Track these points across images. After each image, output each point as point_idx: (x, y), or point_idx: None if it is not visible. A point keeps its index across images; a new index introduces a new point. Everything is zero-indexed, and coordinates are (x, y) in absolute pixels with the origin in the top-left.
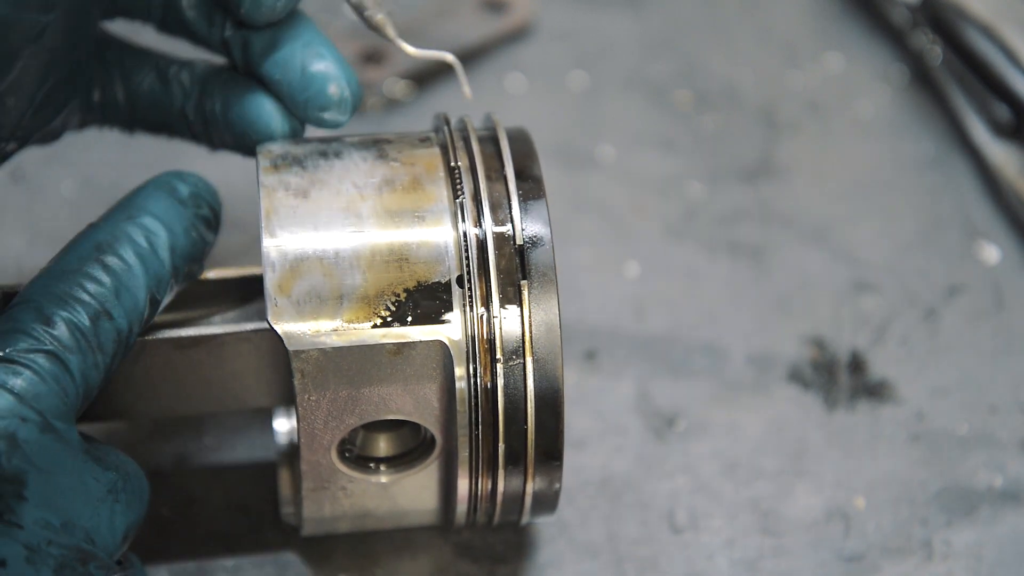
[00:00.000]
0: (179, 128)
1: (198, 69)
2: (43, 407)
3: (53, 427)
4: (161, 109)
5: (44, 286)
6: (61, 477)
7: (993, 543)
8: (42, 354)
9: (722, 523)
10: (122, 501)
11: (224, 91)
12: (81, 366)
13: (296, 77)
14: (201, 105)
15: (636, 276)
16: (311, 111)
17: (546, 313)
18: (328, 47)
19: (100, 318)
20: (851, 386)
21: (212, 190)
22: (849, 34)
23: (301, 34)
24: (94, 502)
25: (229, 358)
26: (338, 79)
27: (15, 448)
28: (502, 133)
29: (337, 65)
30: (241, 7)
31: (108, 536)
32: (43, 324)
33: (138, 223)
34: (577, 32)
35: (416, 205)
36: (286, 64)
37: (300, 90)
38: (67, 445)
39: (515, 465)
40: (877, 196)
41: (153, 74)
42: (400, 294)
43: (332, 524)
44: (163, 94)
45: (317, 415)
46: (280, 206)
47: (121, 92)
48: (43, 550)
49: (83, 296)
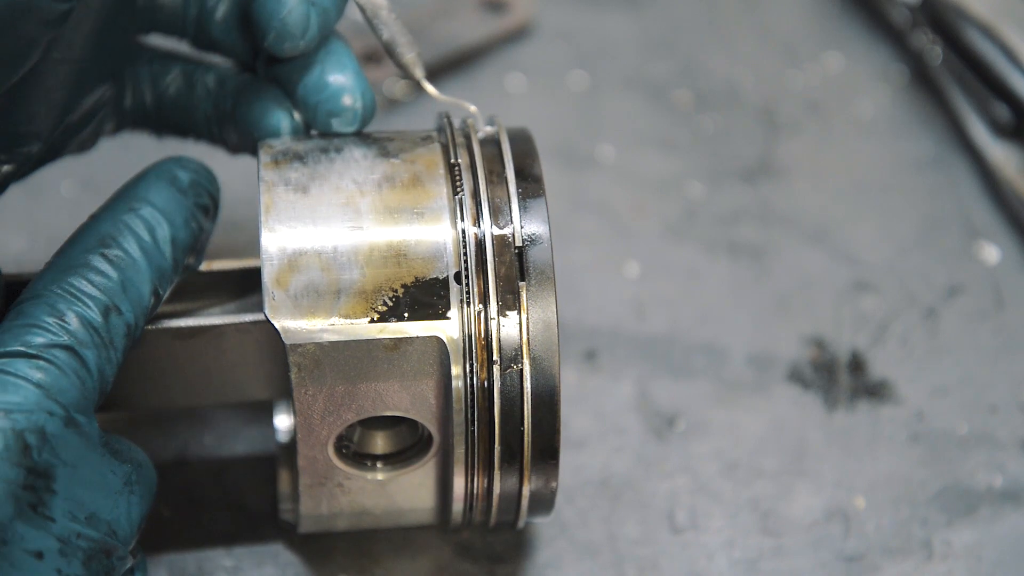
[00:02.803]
0: (201, 130)
1: (220, 71)
2: (66, 401)
3: (76, 421)
4: (186, 111)
5: (52, 280)
6: (85, 470)
7: (993, 543)
8: (60, 348)
9: (722, 523)
10: (136, 492)
11: (238, 91)
12: (97, 360)
13: (313, 82)
14: (218, 105)
15: (636, 276)
16: (320, 115)
17: (544, 311)
18: (351, 61)
19: (110, 313)
20: (851, 386)
21: (211, 176)
22: (849, 34)
23: (328, 48)
24: (113, 494)
25: (228, 349)
26: (353, 91)
27: (44, 442)
28: (503, 132)
29: (356, 79)
30: (264, 39)
31: (126, 527)
32: (56, 319)
33: (140, 215)
34: (577, 32)
35: (415, 202)
36: (306, 69)
37: (314, 94)
38: (88, 439)
39: (511, 463)
40: (877, 196)
41: (179, 77)
42: (398, 290)
43: (330, 522)
44: (188, 97)
45: (314, 409)
46: (280, 200)
47: (149, 96)
48: (73, 542)
49: (92, 291)
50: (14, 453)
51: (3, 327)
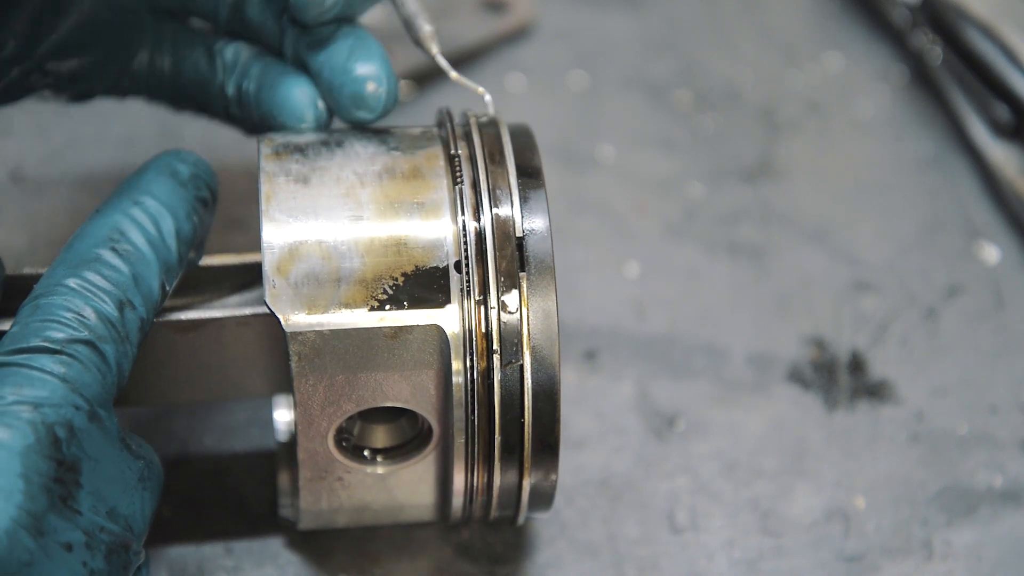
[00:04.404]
0: (218, 106)
1: (244, 49)
2: (89, 395)
3: (98, 415)
4: (203, 84)
5: (65, 275)
6: (106, 465)
7: (993, 543)
8: (81, 343)
9: (722, 523)
10: (148, 488)
11: (262, 72)
12: (115, 355)
13: (340, 65)
14: (239, 83)
15: (636, 276)
16: (344, 100)
17: (544, 301)
18: (377, 47)
19: (124, 307)
20: (851, 386)
21: (209, 168)
22: (849, 34)
23: (356, 34)
24: (130, 489)
25: (228, 343)
26: (379, 80)
27: (72, 436)
28: (503, 125)
29: (382, 65)
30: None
31: (140, 522)
32: (75, 313)
33: (145, 209)
34: (577, 32)
35: (416, 193)
36: (333, 53)
37: (340, 76)
38: (109, 433)
39: (511, 453)
40: (877, 196)
41: (202, 52)
42: (398, 278)
43: (330, 517)
44: (207, 69)
45: (314, 400)
46: (280, 191)
47: (168, 63)
48: (97, 536)
49: (106, 285)
50: (45, 446)
51: (21, 323)
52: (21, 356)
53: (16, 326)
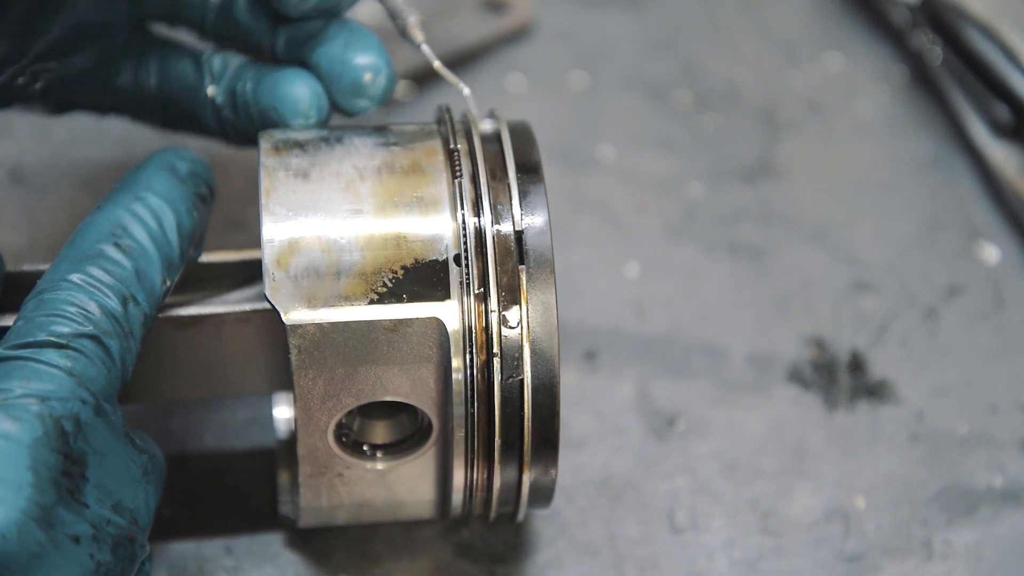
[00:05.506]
0: (208, 114)
1: (232, 57)
2: (95, 389)
3: (104, 410)
4: (191, 92)
5: (69, 270)
6: (111, 459)
7: (993, 543)
8: (86, 338)
9: (722, 523)
10: (152, 483)
11: (257, 72)
12: (119, 349)
13: (337, 55)
14: (231, 87)
15: (636, 276)
16: (343, 88)
17: (543, 294)
18: (372, 37)
19: (128, 302)
20: (851, 386)
21: (207, 165)
22: (849, 34)
23: (350, 27)
24: (134, 484)
25: (229, 339)
26: (377, 68)
27: (79, 429)
28: (502, 121)
29: (380, 56)
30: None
31: (145, 517)
32: (79, 308)
33: (147, 204)
34: (577, 32)
35: (415, 187)
36: (327, 44)
37: (338, 66)
38: (114, 428)
39: (511, 448)
40: (877, 196)
41: (188, 60)
42: (397, 271)
43: (329, 514)
44: (195, 77)
45: (314, 394)
46: (280, 185)
47: (154, 78)
48: (104, 529)
49: (110, 280)
50: (53, 439)
51: (26, 318)
52: (28, 350)
53: (20, 321)
